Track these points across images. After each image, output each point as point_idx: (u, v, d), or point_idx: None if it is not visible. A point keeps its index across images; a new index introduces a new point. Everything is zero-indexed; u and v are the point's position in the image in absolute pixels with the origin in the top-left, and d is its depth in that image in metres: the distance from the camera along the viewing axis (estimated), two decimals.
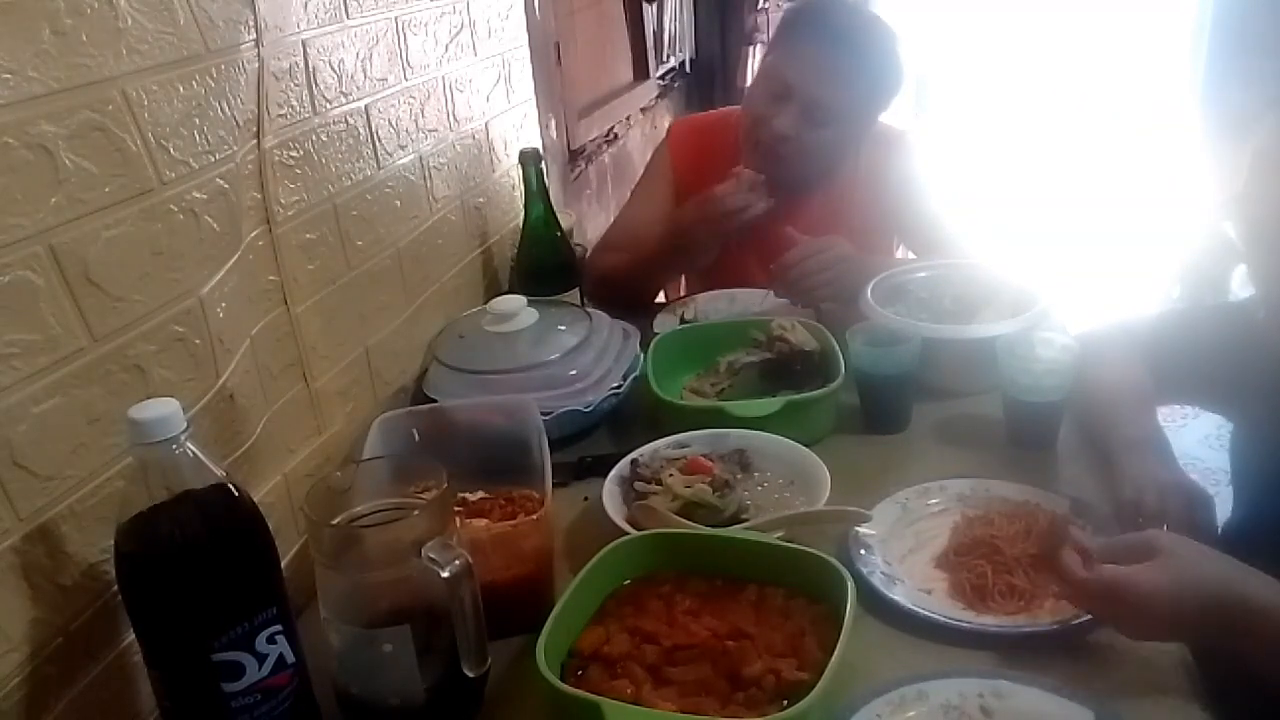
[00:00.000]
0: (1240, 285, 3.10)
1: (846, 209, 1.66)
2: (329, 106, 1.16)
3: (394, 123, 1.31)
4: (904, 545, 1.05)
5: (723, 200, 1.50)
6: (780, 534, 1.01)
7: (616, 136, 2.59)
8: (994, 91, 5.20)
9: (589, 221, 2.39)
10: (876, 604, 0.95)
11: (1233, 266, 3.11)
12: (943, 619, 0.93)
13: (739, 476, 1.12)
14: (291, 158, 1.08)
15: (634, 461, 1.14)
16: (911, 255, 1.78)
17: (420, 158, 1.39)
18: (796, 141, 1.55)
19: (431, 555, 0.78)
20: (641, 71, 2.77)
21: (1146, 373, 1.16)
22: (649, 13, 2.72)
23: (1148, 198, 4.26)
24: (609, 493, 1.10)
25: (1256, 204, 0.96)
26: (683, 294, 1.86)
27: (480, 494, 1.09)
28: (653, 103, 2.86)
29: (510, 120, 1.71)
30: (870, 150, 1.67)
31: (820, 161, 1.61)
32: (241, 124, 0.97)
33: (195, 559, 0.72)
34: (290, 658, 0.78)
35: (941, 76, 4.89)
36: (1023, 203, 4.44)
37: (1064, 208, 4.49)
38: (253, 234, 1.01)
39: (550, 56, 2.04)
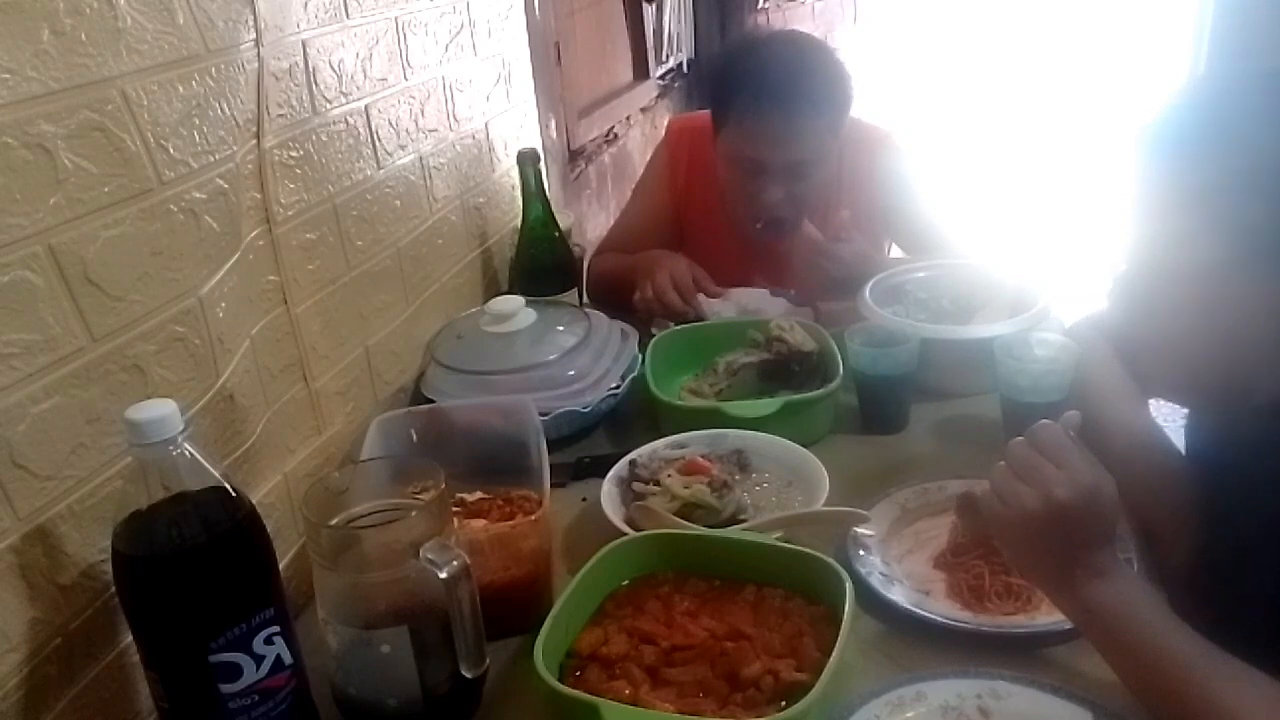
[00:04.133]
0: None
1: (833, 212, 1.66)
2: (329, 106, 1.15)
3: (394, 123, 1.31)
4: (902, 546, 1.05)
5: (662, 297, 1.54)
6: (778, 534, 1.01)
7: (616, 136, 2.59)
8: (992, 93, 5.20)
9: (588, 222, 2.39)
10: (875, 604, 0.95)
11: None
12: (941, 619, 0.93)
13: (737, 477, 1.12)
14: (291, 158, 1.08)
15: (632, 462, 1.14)
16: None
17: (420, 158, 1.39)
18: (790, 199, 1.57)
19: (429, 556, 0.78)
20: (641, 71, 2.77)
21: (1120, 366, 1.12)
22: (649, 13, 2.72)
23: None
24: (607, 493, 1.10)
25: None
26: None
27: (478, 494, 1.09)
28: (653, 103, 2.86)
29: (510, 120, 1.71)
30: (854, 152, 1.66)
31: (817, 195, 1.61)
32: (241, 124, 0.97)
33: (192, 560, 0.72)
34: (288, 659, 0.78)
35: (940, 78, 4.90)
36: (1017, 204, 4.44)
37: (1060, 208, 4.49)
38: (253, 234, 1.01)
39: (550, 57, 2.04)
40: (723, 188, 1.68)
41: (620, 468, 1.14)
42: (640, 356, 1.37)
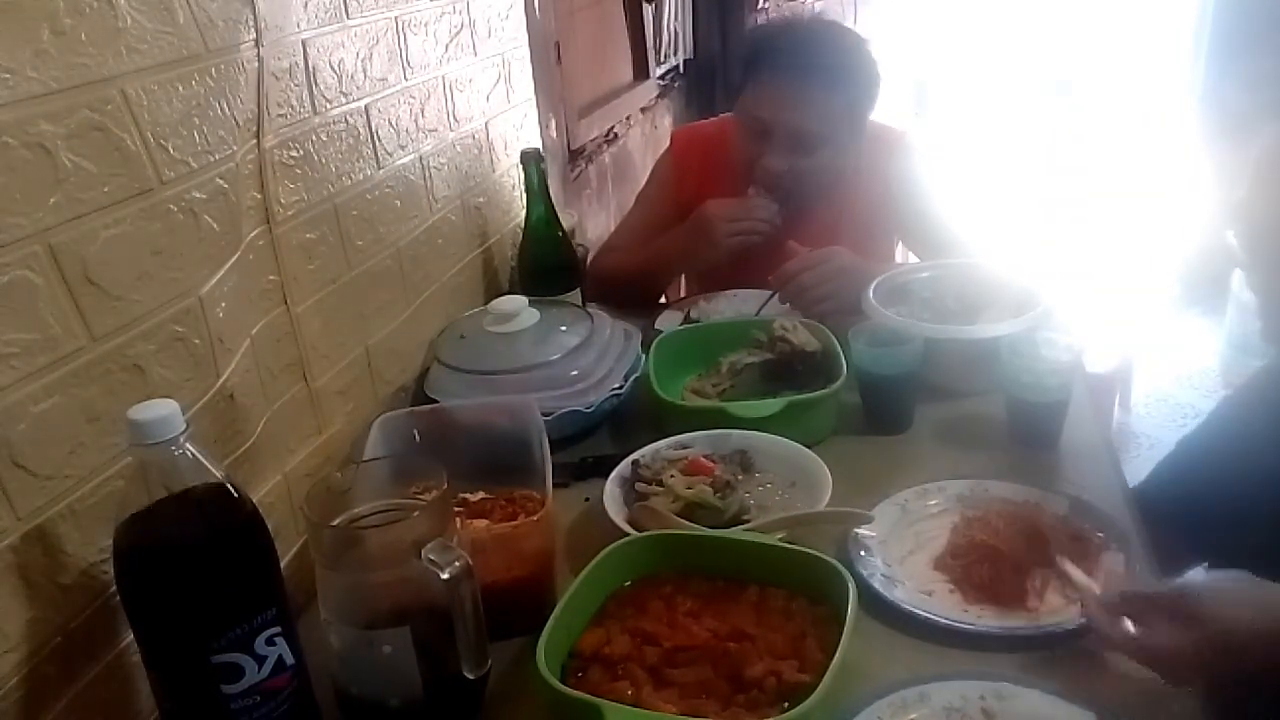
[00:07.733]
0: (1240, 286, 3.11)
1: (849, 212, 1.66)
2: (329, 106, 1.15)
3: (394, 123, 1.31)
4: (904, 547, 1.05)
5: (732, 216, 1.52)
6: (781, 535, 1.01)
7: (616, 136, 2.59)
8: (993, 92, 5.20)
9: (589, 221, 2.39)
10: (877, 605, 0.95)
11: (1232, 267, 3.12)
12: (944, 621, 0.92)
13: (740, 477, 1.12)
14: (291, 158, 1.08)
15: (635, 462, 1.14)
16: (912, 256, 1.79)
17: (420, 158, 1.39)
18: (791, 173, 1.56)
19: (431, 556, 0.78)
20: (641, 71, 2.76)
21: None
22: (648, 13, 2.72)
23: (1147, 197, 4.26)
24: (610, 493, 1.09)
25: (1258, 213, 0.95)
26: (684, 295, 1.86)
27: (481, 494, 1.09)
28: (653, 103, 2.86)
29: (510, 120, 1.71)
30: (870, 151, 1.66)
31: (821, 181, 1.60)
32: (241, 124, 0.97)
33: (194, 560, 0.72)
34: (289, 659, 0.77)
35: (941, 78, 4.90)
36: (1021, 203, 4.44)
37: (1063, 208, 4.49)
38: (253, 234, 1.01)
39: (550, 56, 2.03)
40: (734, 175, 1.67)
41: (623, 468, 1.14)
42: (643, 356, 1.37)
